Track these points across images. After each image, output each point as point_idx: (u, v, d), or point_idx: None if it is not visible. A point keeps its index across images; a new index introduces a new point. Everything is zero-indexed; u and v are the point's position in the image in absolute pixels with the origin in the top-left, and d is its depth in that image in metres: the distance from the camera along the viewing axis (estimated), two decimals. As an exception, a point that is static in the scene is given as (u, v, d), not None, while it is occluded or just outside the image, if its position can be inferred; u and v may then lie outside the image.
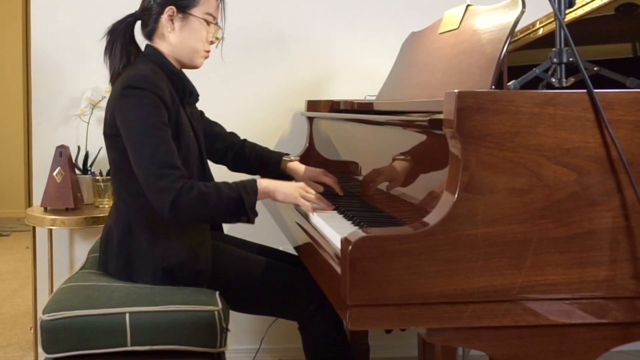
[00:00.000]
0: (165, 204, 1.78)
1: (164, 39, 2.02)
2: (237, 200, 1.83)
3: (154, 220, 1.90)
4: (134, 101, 1.85)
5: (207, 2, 2.03)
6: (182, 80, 2.04)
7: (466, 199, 1.25)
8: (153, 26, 2.03)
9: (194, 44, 2.03)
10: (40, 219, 2.63)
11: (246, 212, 1.84)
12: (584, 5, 1.82)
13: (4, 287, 4.26)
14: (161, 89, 1.89)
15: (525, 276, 1.26)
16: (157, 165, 1.80)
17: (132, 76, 1.90)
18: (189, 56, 2.04)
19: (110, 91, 2.00)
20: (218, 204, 1.81)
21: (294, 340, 2.18)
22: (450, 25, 1.96)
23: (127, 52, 2.04)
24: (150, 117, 1.84)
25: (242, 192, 1.83)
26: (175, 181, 1.79)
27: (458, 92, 1.26)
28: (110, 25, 2.07)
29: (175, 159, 1.83)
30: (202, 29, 2.02)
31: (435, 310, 1.25)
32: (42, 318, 1.75)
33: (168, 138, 1.85)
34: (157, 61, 2.00)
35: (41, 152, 2.87)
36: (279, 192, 1.91)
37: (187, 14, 2.00)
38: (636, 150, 1.30)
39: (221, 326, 1.78)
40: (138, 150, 1.82)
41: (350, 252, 1.22)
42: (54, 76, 2.87)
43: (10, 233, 6.01)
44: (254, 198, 1.85)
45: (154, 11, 2.02)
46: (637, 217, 1.29)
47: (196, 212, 1.80)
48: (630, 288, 1.29)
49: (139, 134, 1.83)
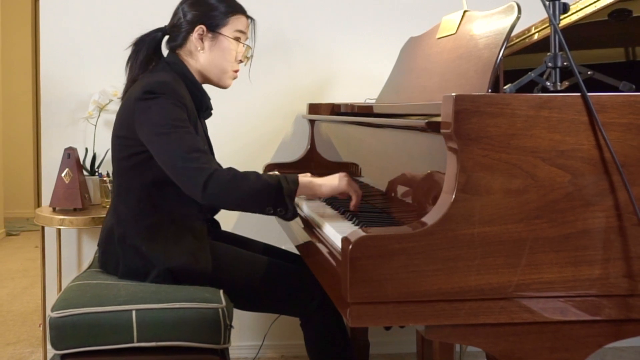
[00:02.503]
0: (199, 183, 1.71)
1: (192, 57, 2.00)
2: (275, 188, 1.72)
3: (154, 226, 1.88)
4: (156, 102, 1.82)
5: (237, 21, 2.01)
6: (201, 94, 2.01)
7: (463, 199, 1.25)
8: (181, 42, 2.01)
9: (223, 64, 2.00)
10: (49, 219, 2.63)
11: (284, 202, 1.72)
12: (578, 11, 1.82)
13: (13, 285, 4.26)
14: (182, 96, 1.87)
15: (521, 274, 1.26)
16: (186, 150, 1.75)
17: (153, 82, 1.86)
18: (218, 76, 2.02)
19: (126, 94, 1.98)
20: (255, 187, 1.72)
21: (296, 336, 2.18)
22: (448, 30, 1.96)
23: (148, 61, 2.02)
24: (173, 113, 1.81)
25: (281, 180, 1.74)
26: (208, 162, 1.74)
27: (456, 96, 1.26)
28: (138, 37, 2.05)
29: (203, 145, 1.79)
30: (231, 48, 2.00)
31: (434, 307, 1.25)
32: (51, 315, 1.75)
33: (192, 131, 1.82)
34: (179, 71, 1.98)
35: (50, 154, 2.88)
36: (325, 185, 1.81)
37: (217, 33, 1.98)
38: (629, 152, 1.30)
39: (225, 323, 1.78)
40: (164, 144, 1.78)
41: (351, 251, 1.22)
42: (62, 80, 2.87)
43: (19, 233, 6.01)
44: (294, 187, 1.74)
45: (183, 29, 2.00)
46: (629, 217, 1.29)
47: (231, 193, 1.72)
48: (623, 286, 1.29)
49: (163, 129, 1.79)
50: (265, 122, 2.95)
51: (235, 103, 2.92)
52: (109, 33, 2.89)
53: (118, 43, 2.85)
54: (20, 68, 6.64)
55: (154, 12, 2.86)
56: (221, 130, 2.73)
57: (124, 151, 1.92)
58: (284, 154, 2.94)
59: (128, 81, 2.02)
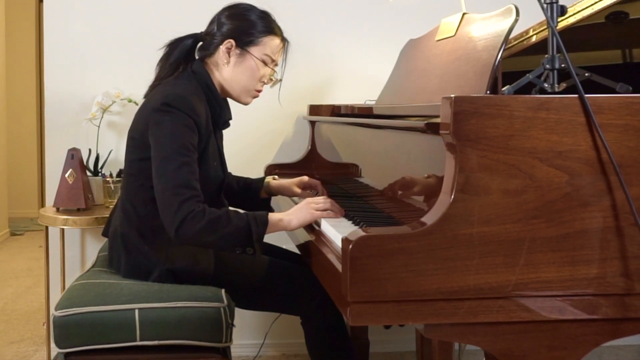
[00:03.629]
0: (174, 224, 1.71)
1: (218, 69, 1.98)
2: (245, 232, 1.72)
3: (158, 228, 1.87)
4: (170, 118, 1.80)
5: (269, 43, 1.97)
6: (220, 108, 1.99)
7: (462, 199, 1.25)
8: (212, 52, 1.98)
9: (246, 82, 1.97)
10: (53, 219, 2.63)
11: (252, 245, 1.74)
12: (576, 14, 1.82)
13: (18, 284, 4.26)
14: (198, 114, 1.84)
15: (519, 274, 1.26)
16: (176, 182, 1.74)
17: (172, 94, 1.84)
18: (238, 93, 2.00)
19: (148, 95, 1.97)
20: (225, 233, 1.72)
21: (297, 335, 2.18)
22: (447, 32, 1.96)
23: (177, 66, 2.00)
24: (182, 137, 1.79)
25: (251, 224, 1.73)
26: (188, 202, 1.72)
27: (454, 97, 1.26)
28: (172, 39, 2.02)
29: (195, 181, 1.77)
30: (257, 69, 1.96)
31: (433, 306, 1.25)
32: (55, 314, 1.75)
33: (193, 161, 1.80)
34: (202, 82, 1.95)
35: (54, 155, 2.88)
36: (293, 220, 1.79)
37: (245, 50, 1.95)
38: (625, 153, 1.30)
39: (227, 322, 1.78)
40: (163, 165, 1.77)
41: (351, 250, 1.22)
42: (66, 82, 2.88)
43: (24, 232, 6.02)
44: (262, 230, 1.74)
45: (216, 39, 1.97)
46: (626, 217, 1.29)
47: (202, 239, 1.72)
48: (619, 285, 1.29)
49: (167, 149, 1.78)
50: (268, 123, 2.95)
51: (237, 105, 2.91)
52: (112, 36, 2.89)
53: (121, 46, 2.88)
54: (25, 70, 6.64)
55: (157, 16, 2.87)
56: (224, 131, 2.72)
57: (135, 153, 1.91)
58: (285, 155, 2.94)
59: (155, 80, 2.01)
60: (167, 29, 2.08)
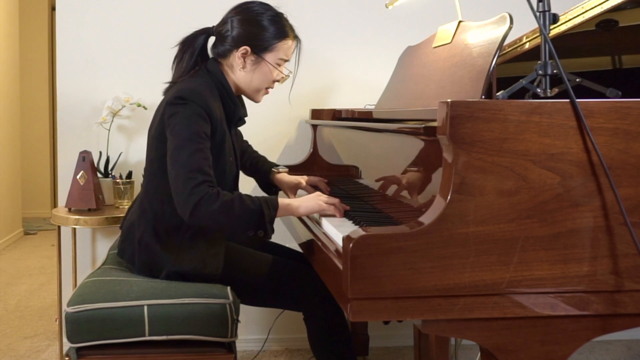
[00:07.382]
0: (188, 207, 1.72)
1: (232, 71, 1.97)
2: (258, 214, 1.75)
3: (172, 229, 1.88)
4: (183, 109, 1.81)
5: (282, 48, 1.97)
6: (234, 105, 1.98)
7: (458, 200, 1.25)
8: (225, 54, 1.97)
9: (260, 84, 1.99)
10: (65, 219, 2.64)
11: (265, 226, 1.77)
12: (567, 22, 1.82)
13: (31, 281, 4.27)
14: (210, 106, 1.84)
15: (513, 272, 1.26)
16: (190, 167, 1.75)
17: (185, 89, 1.85)
18: (252, 93, 2.01)
19: (163, 97, 1.97)
20: (239, 214, 1.74)
21: (299, 330, 2.18)
22: (443, 39, 1.96)
23: (194, 63, 1.99)
24: (195, 125, 1.80)
25: (263, 206, 1.76)
26: (202, 186, 1.73)
27: (451, 102, 1.26)
28: (184, 37, 2.01)
29: (208, 167, 1.77)
30: (271, 72, 1.97)
31: (430, 303, 1.25)
32: (67, 310, 1.75)
33: (206, 148, 1.81)
34: (216, 80, 1.95)
35: (66, 157, 2.88)
36: (302, 207, 1.82)
37: (260, 57, 1.95)
38: (615, 155, 1.30)
39: (232, 317, 1.78)
40: (177, 152, 1.78)
41: (351, 249, 1.22)
42: (77, 87, 2.88)
43: (37, 232, 6.02)
44: (274, 213, 1.77)
45: (228, 43, 1.96)
46: (616, 217, 1.29)
47: (216, 219, 1.74)
48: (609, 282, 1.29)
49: (181, 137, 1.79)
50: (271, 126, 2.95)
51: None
52: (122, 43, 2.90)
53: (130, 52, 2.89)
54: (38, 76, 6.65)
55: (165, 24, 2.88)
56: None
57: (155, 150, 1.91)
58: (288, 157, 2.95)
59: (171, 81, 2.01)
60: (176, 37, 2.08)
